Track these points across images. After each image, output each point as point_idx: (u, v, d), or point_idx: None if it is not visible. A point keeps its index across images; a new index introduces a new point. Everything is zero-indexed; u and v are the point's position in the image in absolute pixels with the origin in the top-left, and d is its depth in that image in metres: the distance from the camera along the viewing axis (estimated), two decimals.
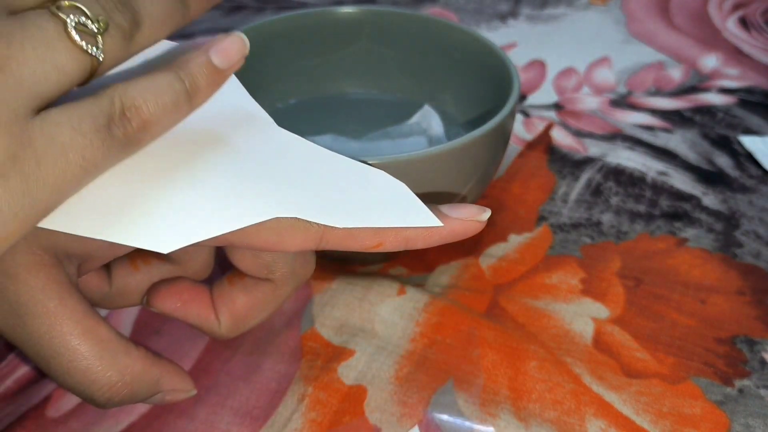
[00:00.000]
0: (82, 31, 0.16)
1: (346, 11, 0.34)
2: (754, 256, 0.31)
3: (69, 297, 0.18)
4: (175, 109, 0.17)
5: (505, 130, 0.28)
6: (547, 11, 0.50)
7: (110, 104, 0.16)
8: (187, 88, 0.17)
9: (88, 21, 0.16)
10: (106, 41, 0.16)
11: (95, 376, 0.18)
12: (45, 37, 0.15)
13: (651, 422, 0.24)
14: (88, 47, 0.16)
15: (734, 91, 0.42)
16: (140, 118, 0.16)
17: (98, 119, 0.16)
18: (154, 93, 0.16)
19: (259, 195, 0.18)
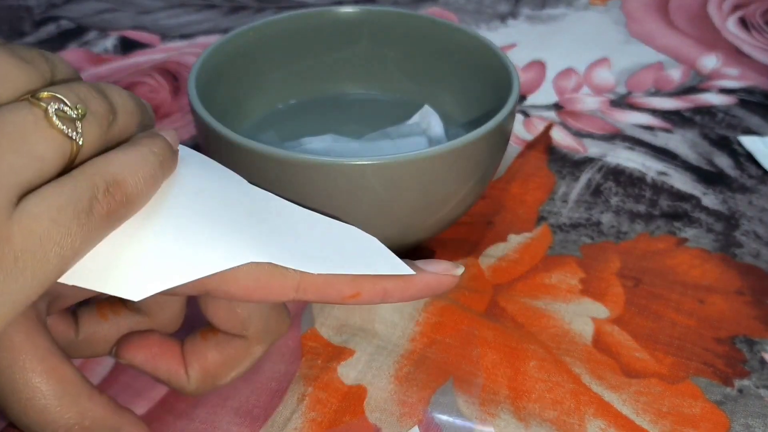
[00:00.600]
0: (61, 117, 0.16)
1: (346, 11, 0.34)
2: (754, 256, 0.31)
3: (36, 333, 0.18)
4: (154, 179, 0.18)
5: (504, 131, 0.28)
6: (547, 11, 0.50)
7: (92, 184, 0.16)
8: (160, 161, 0.18)
9: (67, 108, 0.16)
10: (85, 127, 0.17)
11: (52, 416, 0.17)
12: (22, 128, 0.15)
13: (650, 422, 0.24)
14: (69, 131, 0.16)
15: (734, 91, 0.42)
16: (123, 193, 0.17)
17: (79, 203, 0.16)
18: (135, 166, 0.17)
19: (233, 241, 0.18)
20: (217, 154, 0.28)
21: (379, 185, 0.25)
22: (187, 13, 0.49)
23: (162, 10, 0.49)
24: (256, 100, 0.34)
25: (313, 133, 0.32)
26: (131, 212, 0.17)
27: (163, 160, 0.18)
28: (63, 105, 0.16)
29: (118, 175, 0.17)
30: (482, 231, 0.32)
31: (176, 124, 0.39)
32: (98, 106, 0.17)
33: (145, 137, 0.18)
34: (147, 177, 0.17)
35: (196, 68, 0.29)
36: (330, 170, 0.25)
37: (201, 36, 0.46)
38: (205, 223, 0.19)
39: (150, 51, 0.45)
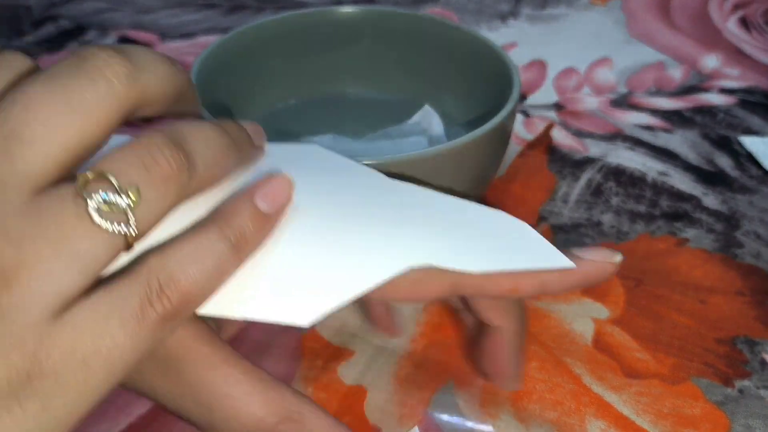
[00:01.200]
0: (107, 211, 0.14)
1: (346, 11, 0.34)
2: (755, 256, 0.31)
3: (219, 344, 0.17)
4: (219, 271, 0.15)
5: (505, 130, 0.28)
6: (548, 11, 0.50)
7: (144, 287, 0.14)
8: (232, 244, 0.15)
9: (117, 196, 0.14)
10: (140, 210, 0.14)
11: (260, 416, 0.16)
12: (63, 227, 0.14)
13: (651, 423, 0.24)
14: (115, 227, 0.14)
15: (734, 91, 0.42)
16: (180, 293, 0.15)
17: (127, 311, 0.14)
18: (196, 260, 0.15)
19: (390, 247, 0.17)
20: None
21: None
22: (186, 12, 0.49)
23: (161, 9, 0.49)
24: (256, 99, 0.34)
25: (313, 133, 0.32)
26: (190, 311, 0.15)
27: (239, 242, 0.16)
28: (111, 193, 0.14)
29: (176, 272, 0.15)
30: None
31: None
32: (167, 169, 0.15)
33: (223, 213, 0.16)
34: (210, 271, 0.15)
35: (195, 68, 0.29)
36: None
37: (200, 35, 0.46)
38: (357, 233, 0.17)
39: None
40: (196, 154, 0.15)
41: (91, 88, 0.14)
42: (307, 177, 0.18)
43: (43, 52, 0.44)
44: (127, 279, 0.14)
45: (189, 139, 0.15)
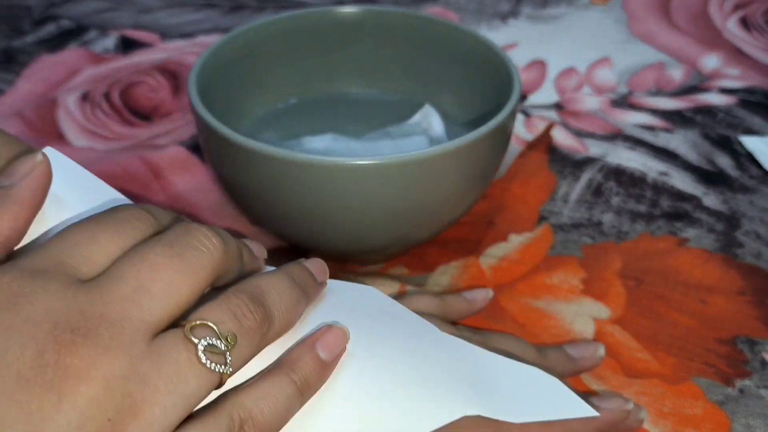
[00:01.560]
0: (211, 353, 0.17)
1: (346, 11, 0.34)
2: (755, 256, 0.31)
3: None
4: (287, 410, 0.18)
5: (505, 130, 0.28)
6: (548, 11, 0.50)
7: (229, 420, 0.17)
8: (298, 387, 0.18)
9: (218, 341, 0.17)
10: (235, 353, 0.17)
11: None
12: (177, 367, 0.16)
13: (652, 422, 0.24)
14: (216, 367, 0.17)
15: (735, 91, 0.42)
16: (257, 427, 0.17)
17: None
18: (269, 401, 0.17)
19: (448, 396, 0.20)
20: (218, 153, 0.27)
21: (379, 185, 0.25)
22: (187, 12, 0.49)
23: (162, 9, 0.49)
24: (257, 99, 0.34)
25: (313, 133, 0.32)
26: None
27: (304, 387, 0.18)
28: (213, 338, 0.17)
29: (253, 410, 0.17)
30: (483, 231, 0.32)
31: (176, 124, 0.39)
32: (252, 321, 0.18)
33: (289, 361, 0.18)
34: (282, 410, 0.18)
35: (196, 67, 0.29)
36: (330, 170, 0.25)
37: (201, 35, 0.46)
38: (414, 382, 0.20)
39: (150, 50, 0.45)
40: (274, 307, 0.18)
41: (199, 257, 0.17)
42: (366, 322, 0.21)
43: (44, 52, 0.44)
44: (215, 413, 0.17)
45: (267, 295, 0.18)
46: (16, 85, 0.41)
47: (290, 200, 0.26)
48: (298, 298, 0.19)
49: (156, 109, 0.40)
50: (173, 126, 0.39)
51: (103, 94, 0.41)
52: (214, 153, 0.28)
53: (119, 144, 0.37)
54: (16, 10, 0.49)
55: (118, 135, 0.38)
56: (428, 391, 0.20)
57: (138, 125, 0.39)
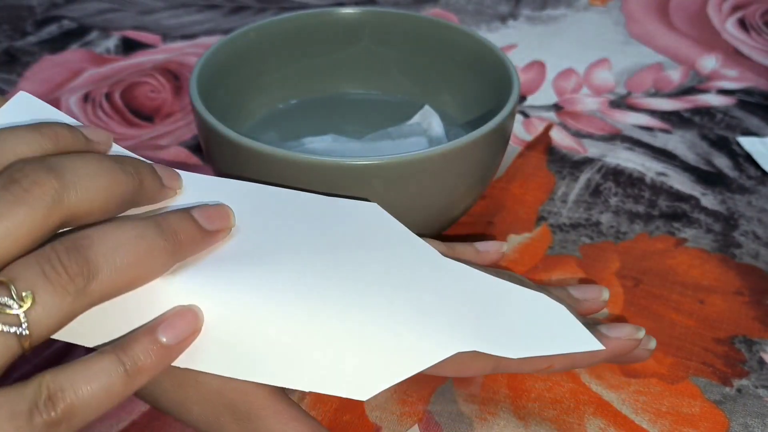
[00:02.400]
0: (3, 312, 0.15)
1: (347, 12, 0.34)
2: (753, 256, 0.31)
3: (291, 402, 0.19)
4: (108, 393, 0.17)
5: (504, 131, 0.28)
6: (547, 12, 0.50)
7: (36, 391, 0.16)
8: (126, 370, 0.17)
9: (8, 299, 0.16)
10: (33, 313, 0.16)
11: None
12: None
13: (650, 421, 0.24)
14: (8, 328, 0.15)
15: (733, 92, 0.42)
16: (65, 404, 0.16)
17: (19, 407, 0.15)
18: (86, 379, 0.16)
19: (442, 330, 0.19)
20: (219, 154, 0.28)
21: (379, 185, 0.25)
22: (188, 13, 0.49)
23: (163, 10, 0.49)
24: (258, 100, 0.34)
25: (313, 133, 0.33)
26: (76, 423, 0.16)
27: (133, 370, 0.17)
28: (5, 297, 0.15)
29: (64, 384, 0.16)
30: (482, 231, 0.32)
31: (178, 124, 0.39)
32: (63, 277, 0.16)
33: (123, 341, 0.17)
34: (98, 390, 0.16)
35: (197, 68, 0.29)
36: (331, 170, 0.25)
37: (202, 36, 0.46)
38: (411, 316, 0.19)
39: (152, 51, 0.45)
40: (102, 260, 0.17)
41: (14, 210, 0.16)
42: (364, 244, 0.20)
43: (46, 53, 0.45)
44: (21, 385, 0.16)
45: (95, 247, 0.17)
46: (19, 85, 0.42)
47: None
48: (149, 249, 0.17)
49: (157, 110, 0.40)
50: (174, 126, 0.39)
51: (104, 95, 0.41)
52: (215, 153, 0.28)
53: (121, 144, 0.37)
54: (18, 10, 0.49)
55: (119, 135, 0.38)
56: (423, 327, 0.19)
57: (139, 126, 0.39)
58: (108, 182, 0.18)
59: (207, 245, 0.19)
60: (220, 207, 0.20)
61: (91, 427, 0.24)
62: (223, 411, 0.19)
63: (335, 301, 0.19)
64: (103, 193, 0.17)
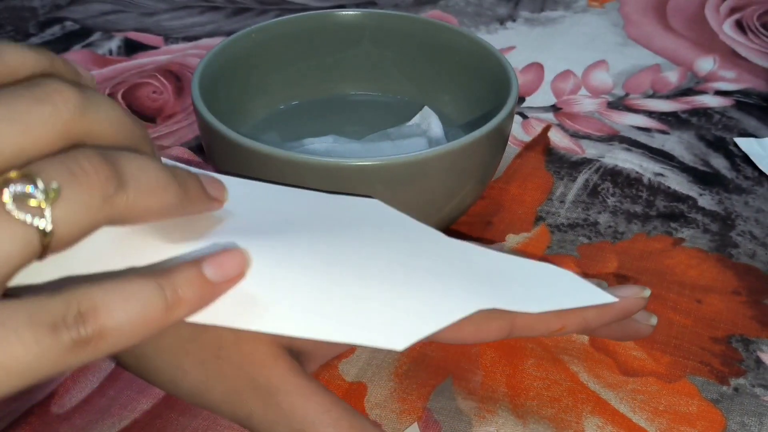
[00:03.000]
0: (22, 202, 0.14)
1: (347, 14, 0.35)
2: (750, 256, 0.31)
3: (311, 377, 0.19)
4: (145, 319, 0.15)
5: (503, 132, 0.28)
6: (545, 14, 0.50)
7: (65, 305, 0.14)
8: (166, 298, 0.15)
9: (34, 190, 0.14)
10: (58, 207, 0.14)
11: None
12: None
13: (647, 420, 0.25)
14: (29, 218, 0.14)
15: (730, 93, 0.42)
16: (97, 325, 0.14)
17: (42, 317, 0.14)
18: (122, 297, 0.15)
19: (462, 290, 0.20)
20: (220, 154, 0.28)
21: (379, 186, 0.26)
22: (190, 15, 0.49)
23: (166, 12, 0.50)
24: (259, 101, 0.35)
25: (314, 134, 0.33)
26: (106, 348, 0.15)
27: (173, 300, 0.15)
28: (30, 186, 0.14)
29: (98, 302, 0.14)
30: (481, 231, 0.32)
31: (180, 125, 0.39)
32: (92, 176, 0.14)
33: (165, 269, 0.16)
34: (135, 314, 0.15)
35: (199, 70, 0.30)
36: (331, 171, 0.25)
37: (204, 38, 0.47)
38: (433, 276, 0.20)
39: (154, 52, 0.45)
40: (129, 175, 0.15)
41: (37, 108, 0.15)
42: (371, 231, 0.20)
43: None
44: (48, 294, 0.14)
45: (124, 161, 0.15)
46: None
47: None
48: (167, 182, 0.16)
49: (159, 111, 0.40)
50: (176, 127, 0.39)
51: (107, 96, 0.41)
52: (216, 154, 0.28)
53: None
54: (21, 12, 0.49)
55: None
56: (441, 289, 0.19)
57: None
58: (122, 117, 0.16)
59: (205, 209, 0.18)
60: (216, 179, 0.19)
61: (92, 425, 0.24)
62: (245, 387, 0.19)
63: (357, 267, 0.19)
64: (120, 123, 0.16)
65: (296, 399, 0.18)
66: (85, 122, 0.15)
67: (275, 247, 0.19)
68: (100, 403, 0.25)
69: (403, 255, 0.20)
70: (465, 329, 0.20)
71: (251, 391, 0.19)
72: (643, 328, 0.24)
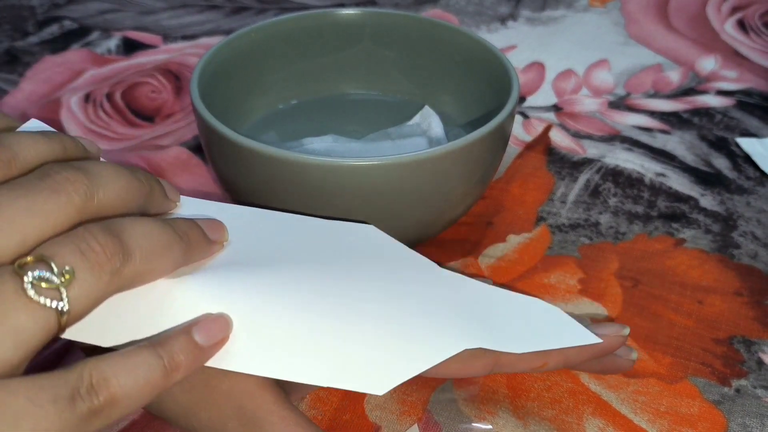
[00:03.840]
0: (41, 287, 0.16)
1: (347, 13, 0.35)
2: (752, 257, 0.31)
3: (295, 409, 0.20)
4: (149, 384, 0.17)
5: (504, 132, 0.28)
6: (547, 13, 0.50)
7: (78, 378, 0.16)
8: (165, 364, 0.17)
9: (50, 274, 0.16)
10: (73, 288, 0.16)
11: None
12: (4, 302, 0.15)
13: (649, 421, 0.25)
14: (49, 302, 0.16)
15: (732, 93, 0.42)
16: (108, 393, 0.16)
17: (61, 391, 0.15)
18: (127, 368, 0.16)
19: (451, 328, 0.20)
20: (219, 154, 0.28)
21: (379, 185, 0.25)
22: (189, 14, 0.49)
23: (164, 11, 0.50)
24: (258, 100, 0.35)
25: (314, 134, 0.33)
26: (116, 413, 0.16)
27: (171, 365, 0.17)
28: (46, 272, 0.16)
29: (107, 372, 0.16)
30: (482, 231, 0.32)
31: (179, 124, 0.39)
32: (100, 255, 0.16)
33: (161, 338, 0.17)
34: (140, 381, 0.16)
35: (198, 69, 0.30)
36: (331, 170, 0.25)
37: (203, 37, 0.47)
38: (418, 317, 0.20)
39: (152, 52, 0.45)
40: (134, 244, 0.17)
41: (53, 198, 0.17)
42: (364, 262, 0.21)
43: (47, 53, 0.45)
44: (63, 371, 0.16)
45: (128, 231, 0.17)
46: (20, 85, 0.42)
47: (291, 200, 0.26)
48: (169, 242, 0.18)
49: (158, 110, 0.40)
50: (175, 127, 0.39)
51: (105, 95, 0.41)
52: (215, 153, 0.28)
53: (122, 144, 0.38)
54: (19, 10, 0.49)
55: (120, 135, 0.38)
56: (428, 328, 0.20)
57: (140, 126, 0.39)
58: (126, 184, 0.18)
59: (209, 254, 0.20)
60: (216, 221, 0.21)
61: None
62: (231, 416, 0.19)
63: (344, 304, 0.20)
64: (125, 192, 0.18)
65: (280, 430, 0.19)
66: (94, 204, 0.17)
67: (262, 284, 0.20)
68: None
69: (394, 288, 0.21)
70: (451, 366, 0.20)
71: (237, 419, 0.19)
72: (624, 363, 0.24)
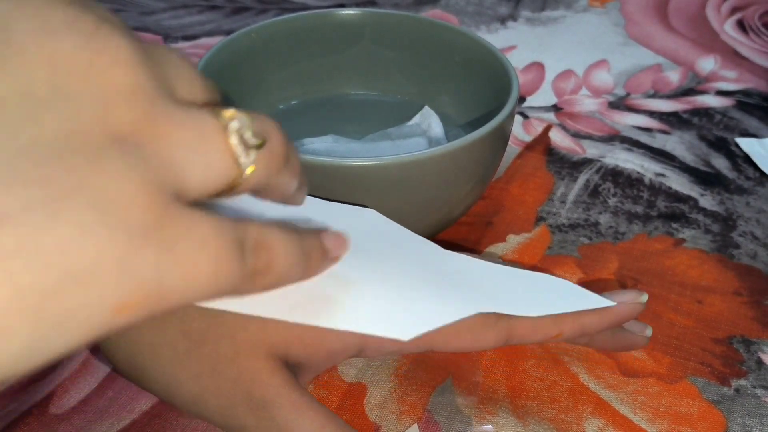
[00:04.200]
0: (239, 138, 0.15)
1: (347, 13, 0.35)
2: (751, 257, 0.31)
3: (305, 392, 0.19)
4: (294, 268, 0.16)
5: (504, 132, 0.28)
6: (546, 14, 0.50)
7: (245, 233, 0.15)
8: (306, 259, 0.17)
9: (248, 132, 0.15)
10: (258, 158, 0.15)
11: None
12: (203, 130, 0.14)
13: (648, 421, 0.25)
14: (241, 155, 0.15)
15: (732, 93, 0.42)
16: (268, 258, 0.15)
17: (236, 236, 0.14)
18: (285, 243, 0.16)
19: (462, 295, 0.21)
20: None
21: (379, 185, 0.25)
22: (189, 14, 0.49)
23: (165, 11, 0.50)
24: (258, 100, 0.35)
25: (314, 134, 0.33)
26: (265, 283, 0.16)
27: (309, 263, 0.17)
28: (245, 129, 0.15)
29: (271, 240, 0.16)
30: (482, 231, 0.32)
31: None
32: (278, 144, 0.16)
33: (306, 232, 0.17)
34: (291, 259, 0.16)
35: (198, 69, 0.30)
36: (331, 171, 0.25)
37: (203, 37, 0.47)
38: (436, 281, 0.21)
39: None
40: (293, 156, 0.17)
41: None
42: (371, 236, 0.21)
43: None
44: (233, 220, 0.14)
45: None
46: None
47: None
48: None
49: None
50: None
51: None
52: None
53: None
54: None
55: None
56: (439, 293, 0.20)
57: None
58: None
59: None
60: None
61: (90, 426, 0.24)
62: (240, 401, 0.19)
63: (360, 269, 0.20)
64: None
65: (290, 414, 0.19)
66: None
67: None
68: (98, 403, 0.25)
69: (401, 263, 0.21)
70: (463, 337, 0.20)
71: (246, 404, 0.19)
72: (639, 339, 0.24)
